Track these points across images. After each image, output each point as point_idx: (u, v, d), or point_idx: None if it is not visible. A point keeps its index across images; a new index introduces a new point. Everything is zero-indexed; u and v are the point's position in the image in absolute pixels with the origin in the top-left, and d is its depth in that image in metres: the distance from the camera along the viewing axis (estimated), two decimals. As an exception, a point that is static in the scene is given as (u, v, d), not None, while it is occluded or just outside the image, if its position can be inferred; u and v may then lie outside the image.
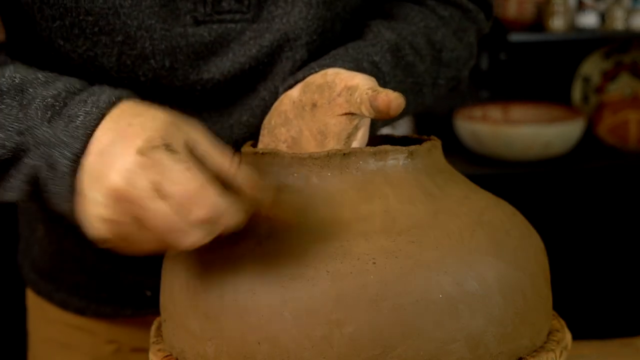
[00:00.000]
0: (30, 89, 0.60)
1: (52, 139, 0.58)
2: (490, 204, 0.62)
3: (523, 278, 0.59)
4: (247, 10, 0.74)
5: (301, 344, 0.55)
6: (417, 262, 0.55)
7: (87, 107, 0.58)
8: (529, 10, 2.30)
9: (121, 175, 0.53)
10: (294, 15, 0.74)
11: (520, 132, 2.15)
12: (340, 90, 0.64)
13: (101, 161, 0.55)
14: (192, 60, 0.74)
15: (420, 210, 0.59)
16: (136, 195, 0.53)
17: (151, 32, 0.71)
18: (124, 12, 0.70)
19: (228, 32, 0.74)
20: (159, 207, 0.52)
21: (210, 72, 0.75)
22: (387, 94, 0.60)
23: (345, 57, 0.71)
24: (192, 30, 0.73)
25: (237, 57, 0.75)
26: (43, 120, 0.58)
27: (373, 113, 0.61)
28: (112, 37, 0.71)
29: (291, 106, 0.68)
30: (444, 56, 0.81)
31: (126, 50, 0.72)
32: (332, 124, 0.65)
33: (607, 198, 2.35)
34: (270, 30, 0.74)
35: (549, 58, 2.48)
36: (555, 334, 0.63)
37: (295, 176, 0.60)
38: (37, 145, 0.58)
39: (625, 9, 2.32)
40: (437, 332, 0.55)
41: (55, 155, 0.57)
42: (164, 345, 0.63)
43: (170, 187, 0.52)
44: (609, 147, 2.34)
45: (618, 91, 2.47)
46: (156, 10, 0.71)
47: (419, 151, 0.62)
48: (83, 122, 0.57)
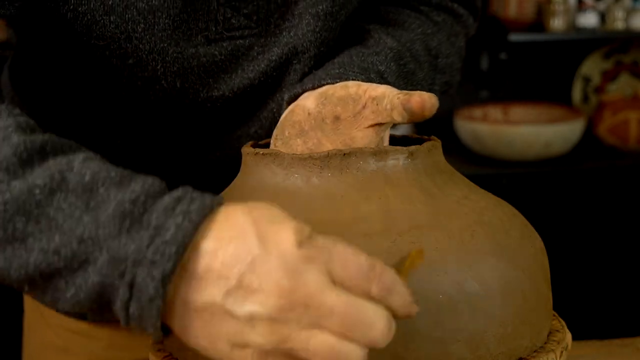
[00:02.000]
0: (101, 189, 0.50)
1: (133, 256, 0.47)
2: (490, 204, 0.62)
3: (523, 278, 0.59)
4: (255, 25, 0.74)
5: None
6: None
7: (178, 218, 0.48)
8: (529, 10, 2.30)
9: (285, 272, 0.45)
10: (302, 28, 0.74)
11: (520, 132, 2.15)
12: (365, 101, 0.64)
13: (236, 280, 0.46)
14: (202, 79, 0.74)
15: (420, 210, 0.59)
16: (308, 292, 0.45)
17: (163, 55, 0.71)
18: (137, 36, 0.69)
19: (237, 48, 0.74)
20: (335, 298, 0.45)
21: (220, 90, 0.75)
22: (420, 95, 0.60)
23: (352, 66, 0.71)
24: (203, 50, 0.72)
25: (247, 73, 0.75)
26: (121, 231, 0.48)
27: (407, 117, 0.61)
28: (124, 61, 0.71)
29: (306, 117, 0.67)
30: (440, 62, 0.81)
31: (137, 73, 0.72)
32: (360, 137, 0.64)
33: (607, 198, 2.35)
34: (278, 44, 0.74)
35: (549, 58, 2.48)
36: (555, 334, 0.63)
37: (295, 176, 0.60)
38: (112, 261, 0.48)
39: (625, 9, 2.32)
40: (437, 333, 0.55)
41: (139, 276, 0.47)
42: (164, 346, 0.63)
43: (342, 271, 0.46)
44: (609, 147, 2.34)
45: (618, 91, 2.47)
46: (169, 33, 0.70)
47: (419, 151, 0.61)
48: (175, 238, 0.47)
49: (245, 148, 0.65)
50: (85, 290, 0.49)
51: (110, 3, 0.68)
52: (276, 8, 0.74)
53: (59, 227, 0.49)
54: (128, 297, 0.48)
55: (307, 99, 0.68)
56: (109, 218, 0.48)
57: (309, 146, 0.66)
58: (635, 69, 2.48)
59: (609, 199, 2.35)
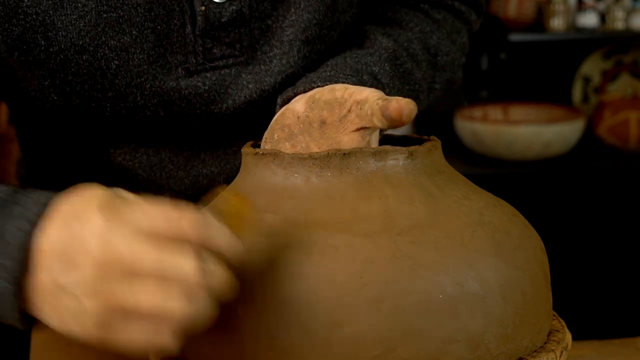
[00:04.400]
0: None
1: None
2: (490, 204, 0.62)
3: (523, 278, 0.59)
4: (240, 53, 0.73)
5: (301, 345, 0.55)
6: (417, 263, 0.55)
7: (18, 221, 0.52)
8: (529, 10, 2.30)
9: (96, 244, 0.49)
10: (293, 55, 0.74)
11: (520, 132, 2.15)
12: (350, 105, 0.63)
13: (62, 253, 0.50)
14: (186, 109, 0.73)
15: (420, 210, 0.59)
16: (120, 255, 0.49)
17: (142, 89, 0.71)
18: (112, 72, 0.69)
19: (223, 77, 0.73)
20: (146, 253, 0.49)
21: (210, 117, 0.74)
22: (397, 101, 0.60)
23: (345, 68, 0.71)
24: (184, 82, 0.72)
25: (237, 102, 0.74)
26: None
27: (386, 123, 0.60)
28: (104, 93, 0.71)
29: (295, 121, 0.66)
30: (439, 60, 0.80)
31: (119, 104, 0.71)
32: (345, 141, 0.63)
33: (607, 198, 2.35)
34: (270, 73, 0.74)
35: (549, 58, 2.48)
36: (555, 334, 0.63)
37: (295, 176, 0.60)
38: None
39: (625, 9, 2.32)
40: (437, 333, 0.55)
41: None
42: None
43: (149, 223, 0.50)
44: (609, 147, 2.34)
45: (618, 91, 2.47)
46: (145, 68, 0.70)
47: (419, 151, 0.61)
48: (17, 240, 0.52)
49: (245, 148, 0.65)
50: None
51: (81, 43, 0.68)
52: (261, 34, 0.73)
53: None
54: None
55: (297, 102, 0.67)
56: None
57: (297, 150, 0.66)
58: (635, 69, 2.48)
59: (609, 199, 2.35)
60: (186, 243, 0.51)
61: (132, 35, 0.68)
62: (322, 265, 0.55)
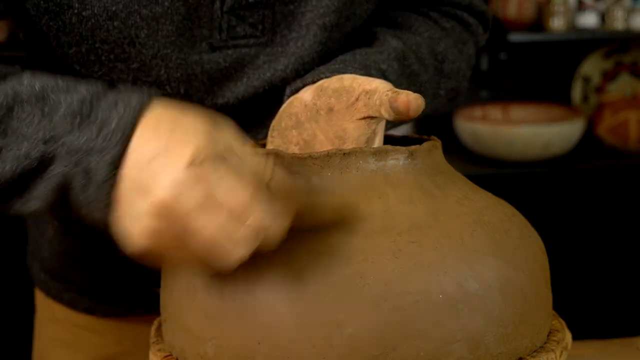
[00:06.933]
0: (52, 95, 0.57)
1: (85, 146, 0.54)
2: (490, 204, 0.62)
3: (523, 278, 0.59)
4: (261, 34, 0.74)
5: (301, 345, 0.55)
6: (417, 263, 0.55)
7: (120, 110, 0.54)
8: (529, 10, 2.30)
9: (170, 189, 0.50)
10: (309, 39, 0.75)
11: (520, 132, 2.15)
12: (359, 94, 0.64)
13: (146, 172, 0.52)
14: (207, 86, 0.74)
15: (420, 210, 0.59)
16: (184, 210, 0.50)
17: (167, 61, 0.72)
18: (140, 41, 0.70)
19: (243, 56, 0.74)
20: (207, 222, 0.50)
21: (225, 97, 0.75)
22: (407, 94, 0.60)
23: (354, 63, 0.72)
24: (207, 57, 0.73)
25: (252, 81, 0.75)
26: (73, 127, 0.55)
27: (393, 115, 0.61)
28: (128, 64, 0.72)
29: (303, 109, 0.68)
30: (446, 67, 0.81)
31: (141, 77, 0.72)
32: (351, 128, 0.64)
33: (607, 198, 2.35)
34: (285, 54, 0.75)
35: (549, 58, 2.48)
36: (555, 334, 0.63)
37: (295, 176, 0.60)
38: (69, 153, 0.55)
39: (625, 9, 2.32)
40: (437, 333, 0.55)
41: (92, 162, 0.54)
42: (164, 345, 0.63)
43: (223, 198, 0.51)
44: (609, 147, 2.34)
45: (618, 91, 2.47)
46: (173, 39, 0.71)
47: (419, 151, 0.62)
48: (118, 126, 0.54)
49: (245, 148, 0.65)
50: (52, 182, 0.55)
51: (114, 9, 0.68)
52: (282, 18, 0.74)
53: (24, 135, 0.56)
54: (84, 183, 0.54)
55: (305, 92, 0.69)
56: (62, 118, 0.55)
57: (304, 137, 0.67)
58: (635, 69, 2.48)
59: (609, 199, 2.35)
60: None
61: (164, 5, 0.69)
62: (322, 265, 0.55)
